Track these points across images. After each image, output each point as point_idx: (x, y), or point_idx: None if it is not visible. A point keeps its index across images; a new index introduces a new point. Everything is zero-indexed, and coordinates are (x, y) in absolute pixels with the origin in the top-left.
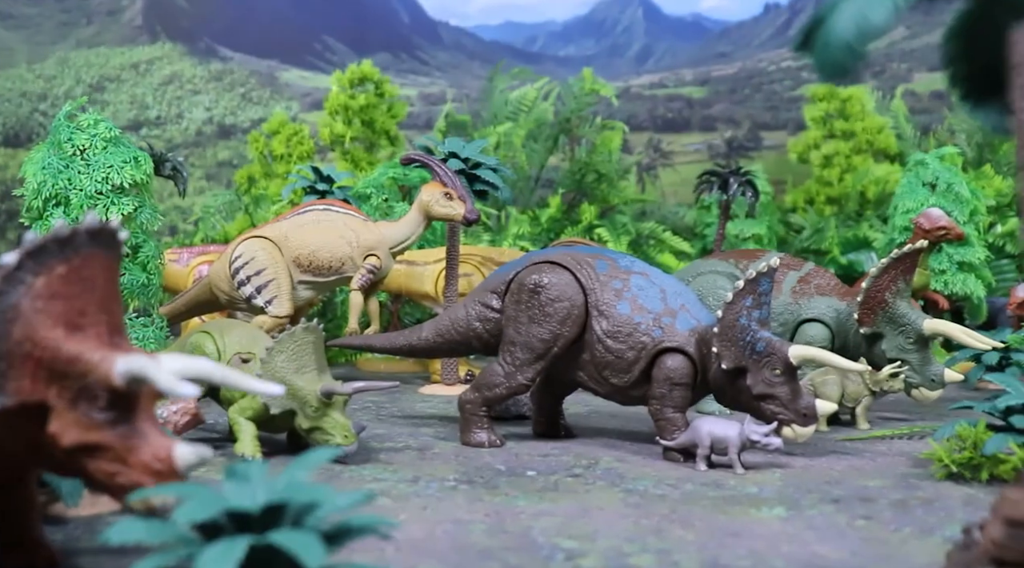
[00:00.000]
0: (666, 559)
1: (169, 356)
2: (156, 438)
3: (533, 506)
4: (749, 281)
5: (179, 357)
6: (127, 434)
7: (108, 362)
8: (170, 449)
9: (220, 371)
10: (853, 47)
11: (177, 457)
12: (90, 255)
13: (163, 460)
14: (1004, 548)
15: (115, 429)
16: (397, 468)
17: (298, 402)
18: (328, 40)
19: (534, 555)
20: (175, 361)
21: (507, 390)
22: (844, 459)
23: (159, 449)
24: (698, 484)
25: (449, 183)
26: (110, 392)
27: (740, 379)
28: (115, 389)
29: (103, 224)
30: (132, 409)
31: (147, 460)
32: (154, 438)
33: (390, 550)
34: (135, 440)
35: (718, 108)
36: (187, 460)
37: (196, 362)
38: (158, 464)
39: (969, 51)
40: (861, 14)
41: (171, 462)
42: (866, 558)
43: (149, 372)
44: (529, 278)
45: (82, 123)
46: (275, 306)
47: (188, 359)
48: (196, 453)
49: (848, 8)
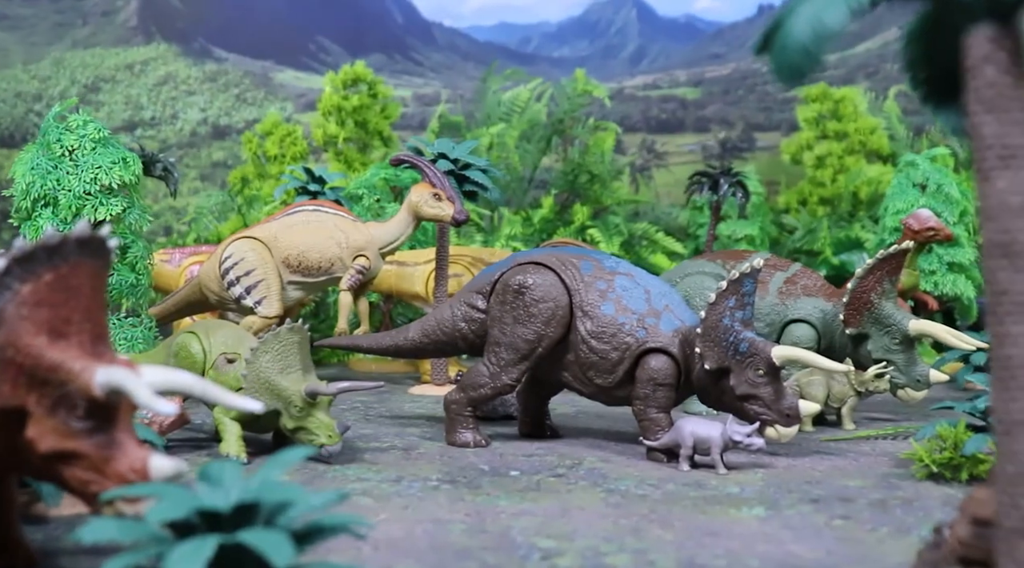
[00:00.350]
0: (642, 559)
1: (151, 367)
2: (133, 449)
3: (514, 506)
4: (732, 282)
5: (160, 369)
6: (104, 444)
7: (89, 372)
8: (146, 460)
9: (200, 384)
10: (809, 49)
11: (152, 469)
12: (78, 263)
13: (138, 471)
14: (970, 547)
15: (92, 438)
16: (381, 468)
17: (283, 402)
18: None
19: (511, 555)
20: (156, 373)
21: (492, 390)
22: (827, 459)
23: (135, 460)
24: (680, 484)
25: (438, 184)
26: (89, 401)
27: (723, 379)
28: (94, 398)
29: (93, 233)
30: (111, 419)
31: (123, 470)
32: (131, 449)
33: (367, 549)
34: (112, 450)
35: (712, 109)
36: (162, 472)
37: (176, 375)
38: (133, 475)
39: (929, 53)
40: (816, 17)
41: (146, 473)
42: (841, 557)
43: (128, 385)
44: (514, 279)
45: (71, 124)
46: (264, 306)
47: (168, 372)
48: (172, 465)
49: (804, 11)
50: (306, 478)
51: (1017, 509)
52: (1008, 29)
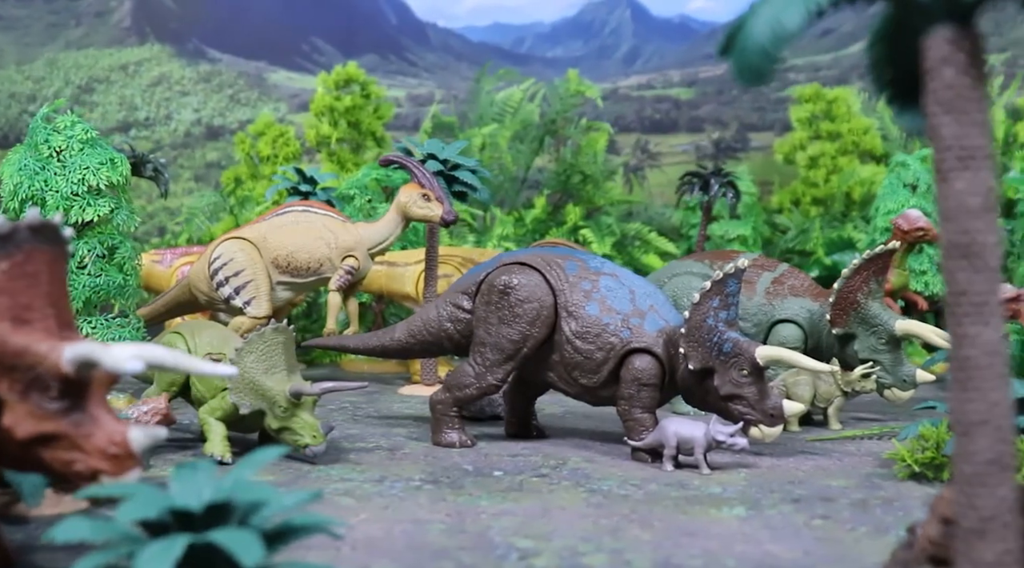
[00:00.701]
0: (619, 558)
1: (120, 344)
2: (110, 423)
3: (495, 506)
4: (716, 282)
5: (130, 344)
6: (81, 421)
7: (56, 351)
8: (125, 433)
9: (172, 356)
10: (768, 51)
11: (132, 440)
12: (33, 251)
13: (119, 444)
14: (940, 546)
15: (69, 417)
16: (365, 468)
17: (267, 402)
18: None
19: (488, 554)
20: (125, 347)
21: (477, 390)
22: (811, 459)
23: (114, 433)
24: (662, 484)
25: (427, 184)
26: (61, 381)
27: (708, 379)
28: (66, 377)
29: (45, 220)
30: (84, 396)
31: (102, 445)
32: (108, 423)
33: (346, 549)
34: (89, 426)
35: (706, 109)
36: (141, 442)
37: (147, 348)
38: (114, 448)
39: (893, 55)
40: (775, 18)
41: (127, 445)
42: (818, 557)
43: (95, 355)
44: (499, 279)
45: (59, 125)
46: (253, 307)
47: (140, 345)
48: (150, 435)
49: (763, 13)
50: (290, 478)
51: (974, 509)
52: (966, 31)
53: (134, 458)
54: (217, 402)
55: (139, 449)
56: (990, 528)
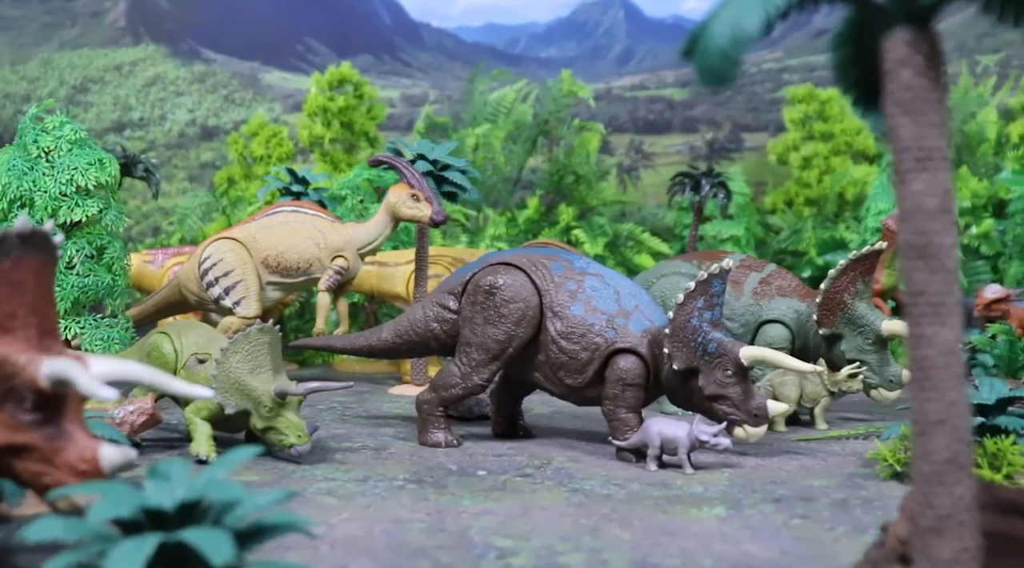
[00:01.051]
0: (596, 558)
1: (99, 358)
2: (82, 439)
3: (477, 505)
4: (700, 283)
5: (108, 359)
6: (53, 435)
7: (35, 364)
8: (96, 450)
9: (149, 373)
10: (728, 54)
11: (102, 458)
12: (21, 259)
13: (88, 461)
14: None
15: (41, 430)
16: (350, 467)
17: (252, 402)
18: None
19: (466, 554)
20: (103, 363)
21: (463, 390)
22: (795, 459)
23: (84, 450)
24: (645, 484)
25: (416, 185)
26: (36, 394)
27: (692, 380)
28: (41, 391)
29: (35, 229)
30: (59, 411)
31: (72, 461)
32: (80, 439)
33: (324, 548)
34: (61, 441)
35: (699, 109)
36: (112, 461)
37: (124, 364)
38: (83, 465)
39: (857, 57)
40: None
41: (96, 463)
42: (794, 557)
43: (71, 374)
44: (484, 279)
45: (48, 125)
46: (243, 307)
47: (117, 361)
48: (121, 454)
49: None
50: (274, 477)
51: (931, 508)
52: (924, 33)
53: (102, 476)
54: (203, 402)
55: (108, 467)
56: (947, 526)
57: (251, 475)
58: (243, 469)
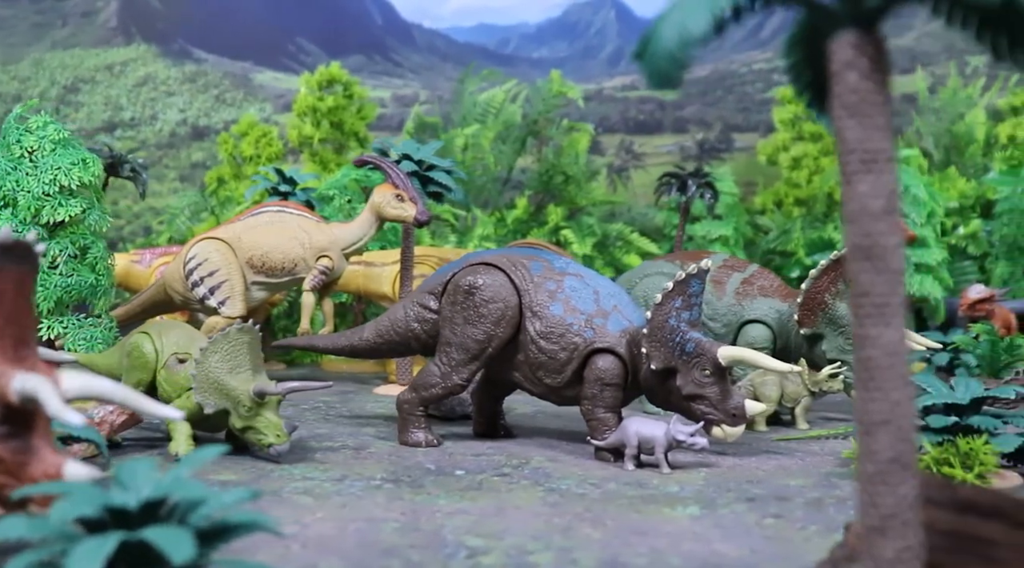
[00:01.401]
0: (565, 557)
1: (71, 375)
2: (48, 455)
3: (452, 505)
4: (678, 283)
5: (80, 376)
6: (20, 449)
7: (6, 377)
8: (60, 466)
9: (121, 392)
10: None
11: (67, 475)
12: (1, 269)
13: (52, 477)
14: None
15: (8, 443)
16: (328, 467)
17: (231, 402)
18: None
19: (437, 553)
20: (75, 380)
21: (443, 390)
22: (774, 458)
23: (49, 466)
24: (621, 483)
25: (400, 185)
26: (5, 407)
27: (670, 379)
28: (10, 404)
29: (17, 240)
30: (28, 425)
31: (37, 476)
32: (46, 455)
33: (296, 547)
34: (27, 456)
35: (690, 110)
36: (76, 478)
37: (96, 382)
38: (47, 481)
39: (810, 59)
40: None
41: (60, 480)
42: (764, 556)
43: (40, 394)
44: (464, 279)
45: (31, 125)
46: (228, 307)
47: (89, 379)
48: (86, 472)
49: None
50: (252, 477)
51: (876, 507)
52: (870, 36)
53: None
54: (182, 401)
55: None
56: (890, 526)
57: (229, 474)
58: (221, 468)
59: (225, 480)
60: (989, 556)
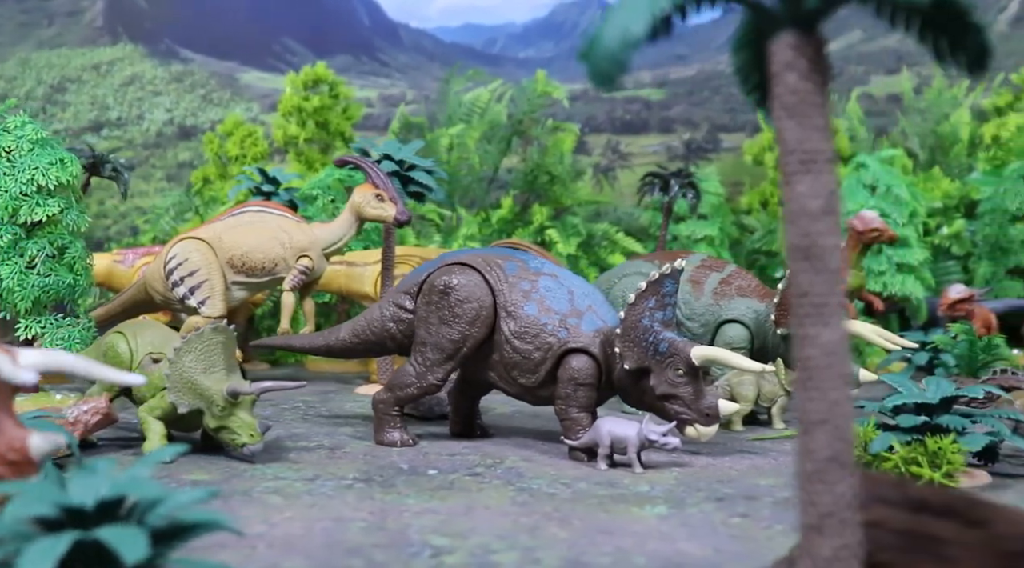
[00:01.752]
0: (529, 556)
1: (30, 351)
2: (11, 429)
3: (421, 504)
4: (652, 283)
5: (39, 351)
6: None
7: None
8: (25, 439)
9: (82, 363)
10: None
11: (31, 447)
12: None
13: (18, 450)
14: None
15: None
16: (302, 467)
17: (205, 401)
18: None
19: (401, 552)
20: (33, 354)
21: (418, 390)
22: (747, 458)
23: (13, 440)
24: (592, 483)
25: (381, 185)
26: None
27: (643, 379)
28: None
29: None
30: None
31: (1, 450)
32: (9, 429)
33: (261, 547)
34: None
35: (676, 110)
36: (41, 449)
37: (54, 354)
38: (13, 454)
39: (756, 60)
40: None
41: (26, 452)
42: (727, 555)
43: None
44: (439, 279)
45: (9, 125)
46: (208, 306)
47: (48, 352)
48: (50, 442)
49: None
50: (224, 476)
51: (814, 506)
52: (810, 37)
53: (32, 465)
54: (156, 401)
55: (38, 456)
56: (828, 524)
57: (202, 474)
58: (194, 467)
59: (197, 479)
60: (941, 555)
